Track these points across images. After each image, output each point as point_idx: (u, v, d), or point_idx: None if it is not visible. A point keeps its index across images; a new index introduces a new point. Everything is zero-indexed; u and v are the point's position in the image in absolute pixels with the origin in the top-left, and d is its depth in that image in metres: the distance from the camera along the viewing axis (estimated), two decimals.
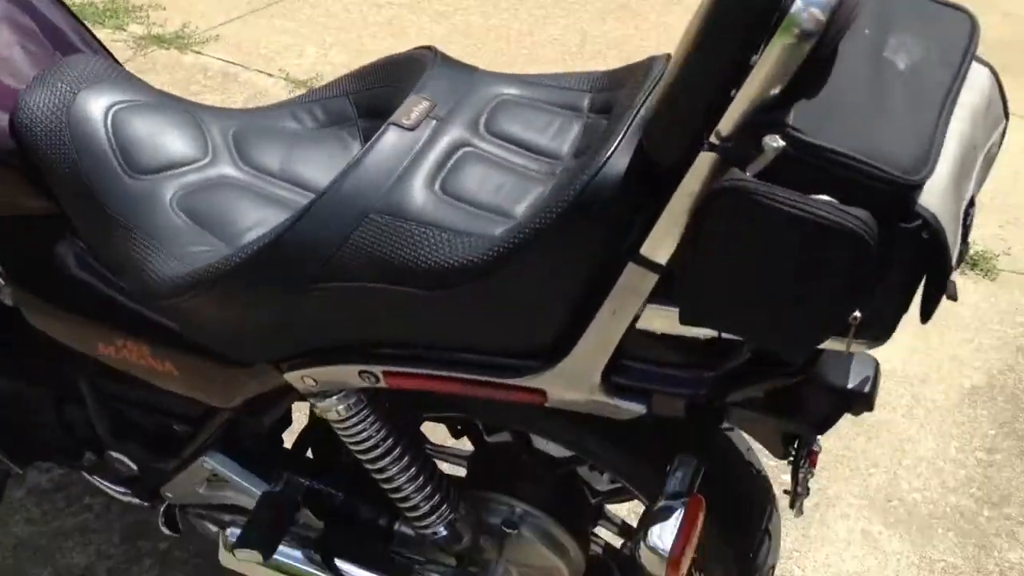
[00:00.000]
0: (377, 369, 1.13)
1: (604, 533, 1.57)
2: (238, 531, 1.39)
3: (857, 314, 0.80)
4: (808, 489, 1.14)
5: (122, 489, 1.55)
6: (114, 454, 1.45)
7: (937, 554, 1.87)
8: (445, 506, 1.33)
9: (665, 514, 1.02)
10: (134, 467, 1.46)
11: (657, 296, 0.95)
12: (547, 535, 1.39)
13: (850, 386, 1.06)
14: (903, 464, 2.03)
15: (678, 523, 1.00)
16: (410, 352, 1.11)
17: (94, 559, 1.76)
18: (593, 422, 1.23)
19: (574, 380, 1.04)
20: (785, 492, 1.18)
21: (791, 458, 1.13)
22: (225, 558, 1.41)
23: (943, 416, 2.16)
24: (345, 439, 1.26)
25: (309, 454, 1.48)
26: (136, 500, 1.54)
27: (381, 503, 1.42)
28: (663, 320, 0.97)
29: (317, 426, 1.44)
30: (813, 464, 1.12)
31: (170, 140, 1.25)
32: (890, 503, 1.97)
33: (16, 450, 1.57)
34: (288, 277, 1.05)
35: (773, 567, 1.38)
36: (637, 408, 1.05)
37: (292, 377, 1.19)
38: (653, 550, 1.00)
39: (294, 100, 1.35)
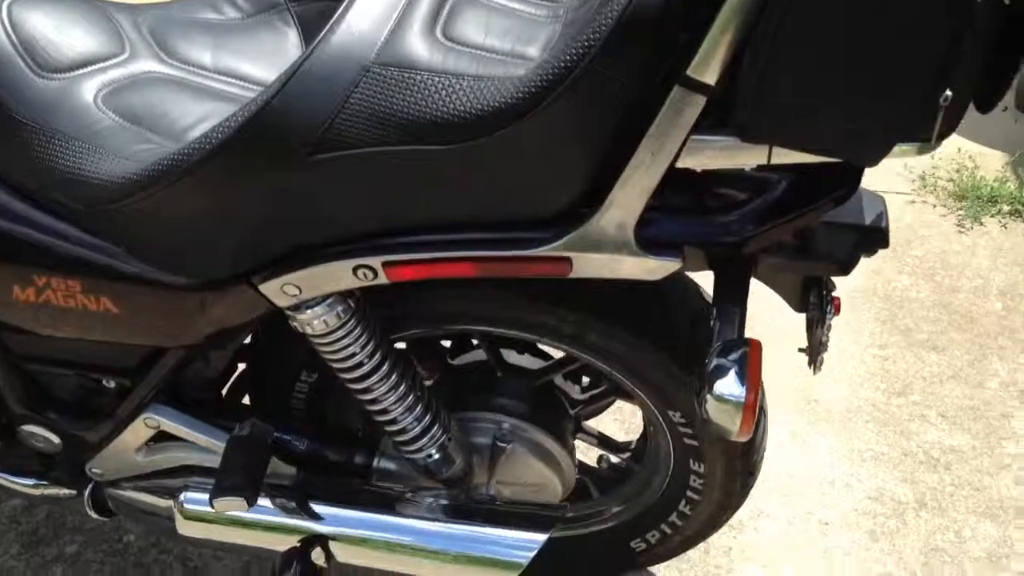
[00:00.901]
0: (376, 261, 1.00)
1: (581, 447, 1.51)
2: (198, 493, 1.22)
3: (948, 93, 0.77)
4: (828, 342, 1.12)
5: (32, 481, 1.32)
6: (29, 429, 1.23)
7: (863, 444, 1.93)
8: (436, 426, 1.22)
9: (727, 362, 0.96)
10: (56, 440, 1.24)
11: (698, 129, 0.89)
12: (538, 447, 1.31)
13: (867, 223, 1.05)
14: None
15: (745, 367, 0.95)
16: (415, 237, 0.99)
17: None
18: (596, 308, 1.17)
19: (605, 240, 0.96)
20: (801, 351, 1.16)
21: (810, 311, 1.10)
22: (185, 526, 1.23)
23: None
24: (328, 356, 1.12)
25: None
26: (53, 490, 1.32)
27: (355, 441, 1.29)
28: (705, 156, 0.91)
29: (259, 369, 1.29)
30: (838, 310, 1.09)
31: (80, 35, 1.08)
32: (808, 404, 2.02)
33: None
34: (280, 153, 0.91)
35: (763, 452, 1.36)
36: (672, 263, 0.98)
37: (270, 288, 1.04)
38: (725, 400, 0.94)
39: None
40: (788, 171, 0.96)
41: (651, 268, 0.99)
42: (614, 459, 1.52)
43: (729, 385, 0.94)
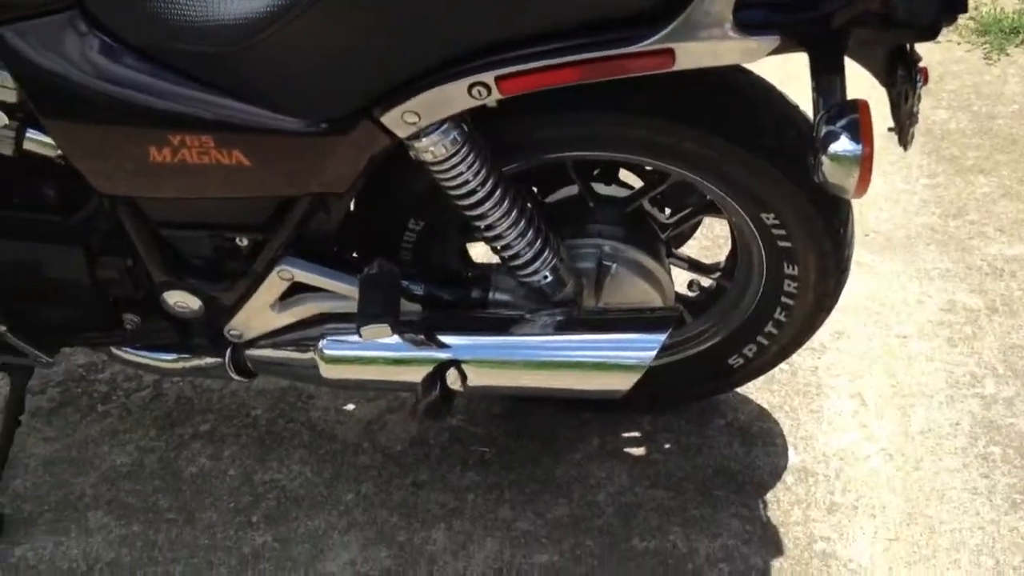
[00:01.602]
0: (489, 76, 1.07)
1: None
2: (336, 336, 1.31)
3: None
4: (918, 114, 1.17)
5: (173, 356, 1.41)
6: (171, 295, 1.31)
7: (928, 264, 2.00)
8: (547, 250, 1.29)
9: (840, 120, 1.01)
10: (197, 304, 1.32)
11: None
12: (639, 266, 1.39)
13: None
14: (861, 204, 2.14)
15: (856, 122, 1.01)
16: (524, 50, 1.05)
17: (137, 455, 1.61)
18: (688, 116, 1.22)
19: (704, 25, 1.02)
20: (890, 130, 1.21)
21: (899, 83, 1.15)
22: (328, 369, 1.32)
23: (878, 157, 2.29)
24: (446, 183, 1.20)
25: None
26: (194, 360, 1.41)
27: (467, 280, 1.37)
28: None
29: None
30: (926, 79, 1.15)
31: None
32: (867, 236, 2.08)
33: (42, 335, 1.40)
34: None
35: (852, 248, 1.42)
36: (770, 42, 1.04)
37: (391, 118, 1.11)
38: (842, 157, 1.00)
39: None
40: None
41: (751, 49, 1.05)
42: (705, 282, 1.60)
43: (844, 142, 1.00)
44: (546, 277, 1.31)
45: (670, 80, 1.11)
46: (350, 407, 1.70)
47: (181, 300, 1.33)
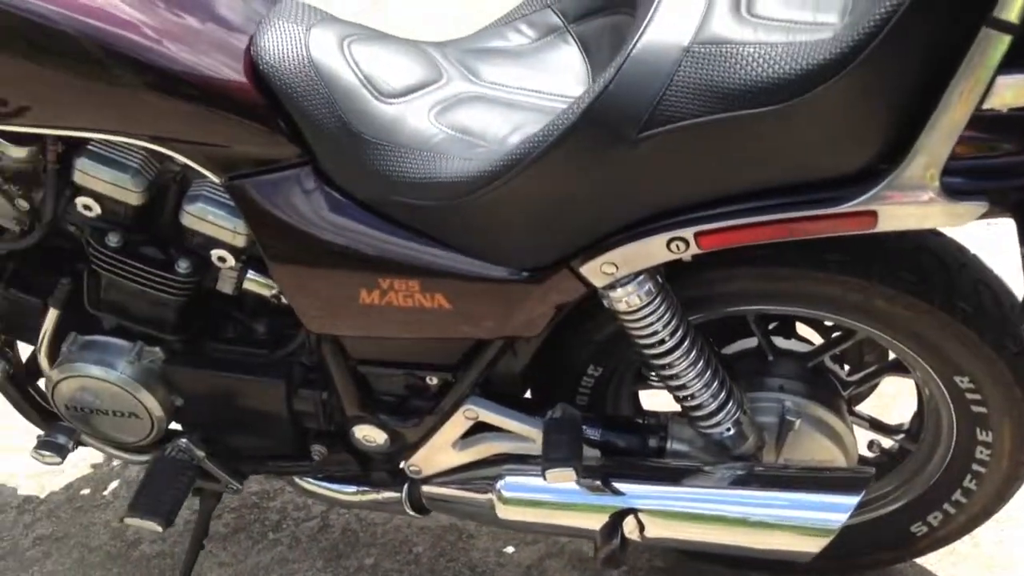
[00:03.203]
0: (689, 232, 1.10)
1: None
2: (516, 478, 1.32)
3: None
4: None
5: (353, 488, 1.46)
6: (361, 429, 1.36)
7: None
8: (731, 402, 1.29)
9: None
10: (384, 439, 1.37)
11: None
12: (824, 424, 1.36)
13: None
14: None
15: None
16: (726, 207, 1.09)
17: None
18: (882, 274, 1.22)
19: (910, 188, 1.03)
20: None
21: None
22: (505, 511, 1.33)
23: None
24: (636, 333, 1.22)
25: None
26: (373, 494, 1.45)
27: (643, 426, 1.37)
28: (1010, 95, 0.97)
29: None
30: None
31: (407, 65, 1.25)
32: None
33: (237, 463, 1.47)
34: (615, 132, 1.03)
35: None
36: (978, 207, 1.04)
37: (589, 268, 1.15)
38: None
39: (497, 23, 1.38)
40: None
41: (958, 214, 1.05)
42: (886, 443, 1.54)
43: None
44: (728, 430, 1.29)
45: (864, 238, 1.12)
46: (510, 549, 1.69)
47: (369, 434, 1.38)
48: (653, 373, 1.30)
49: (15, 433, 1.47)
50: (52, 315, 1.36)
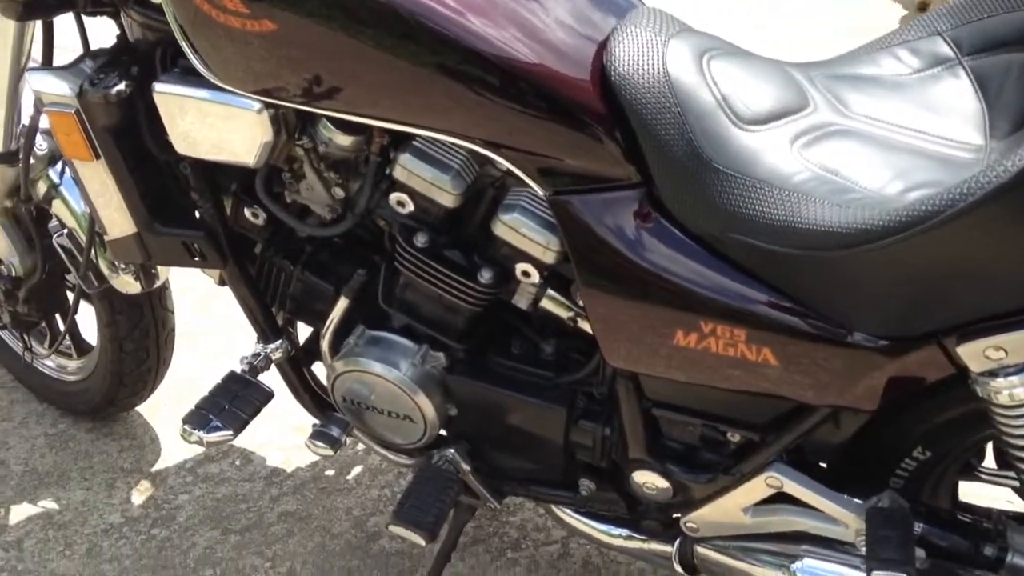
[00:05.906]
0: None
1: None
2: (815, 562, 1.17)
3: None
4: None
5: (624, 532, 1.34)
6: (642, 474, 1.25)
7: None
8: None
9: None
10: (665, 488, 1.24)
11: None
12: None
13: None
14: None
15: None
16: None
17: None
18: None
19: None
20: None
21: None
22: None
23: None
24: (1013, 428, 1.03)
25: None
26: (641, 543, 1.33)
27: (983, 532, 1.18)
28: None
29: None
30: None
31: (769, 89, 1.11)
32: None
33: (500, 481, 1.39)
34: None
35: None
36: None
37: (969, 350, 0.98)
38: None
39: (870, 46, 1.20)
40: None
41: None
42: None
43: None
44: None
45: None
46: None
47: (650, 481, 1.26)
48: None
49: (276, 402, 1.44)
50: (342, 304, 1.31)
